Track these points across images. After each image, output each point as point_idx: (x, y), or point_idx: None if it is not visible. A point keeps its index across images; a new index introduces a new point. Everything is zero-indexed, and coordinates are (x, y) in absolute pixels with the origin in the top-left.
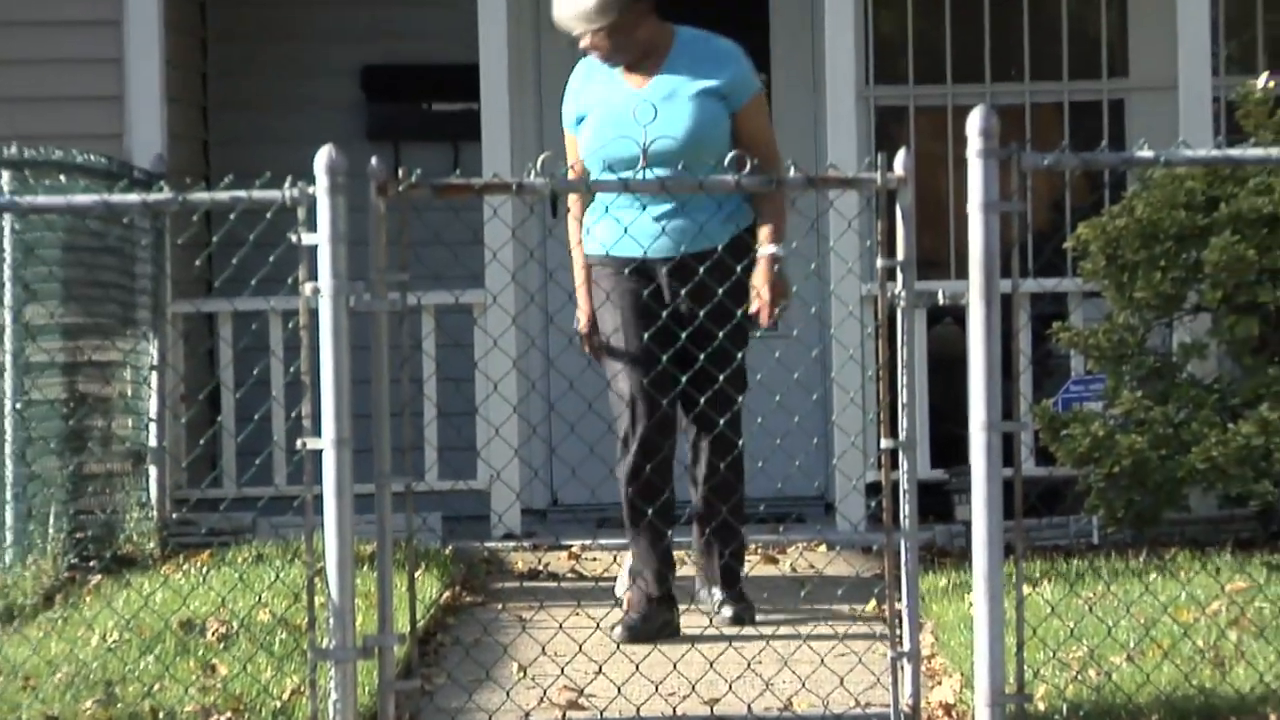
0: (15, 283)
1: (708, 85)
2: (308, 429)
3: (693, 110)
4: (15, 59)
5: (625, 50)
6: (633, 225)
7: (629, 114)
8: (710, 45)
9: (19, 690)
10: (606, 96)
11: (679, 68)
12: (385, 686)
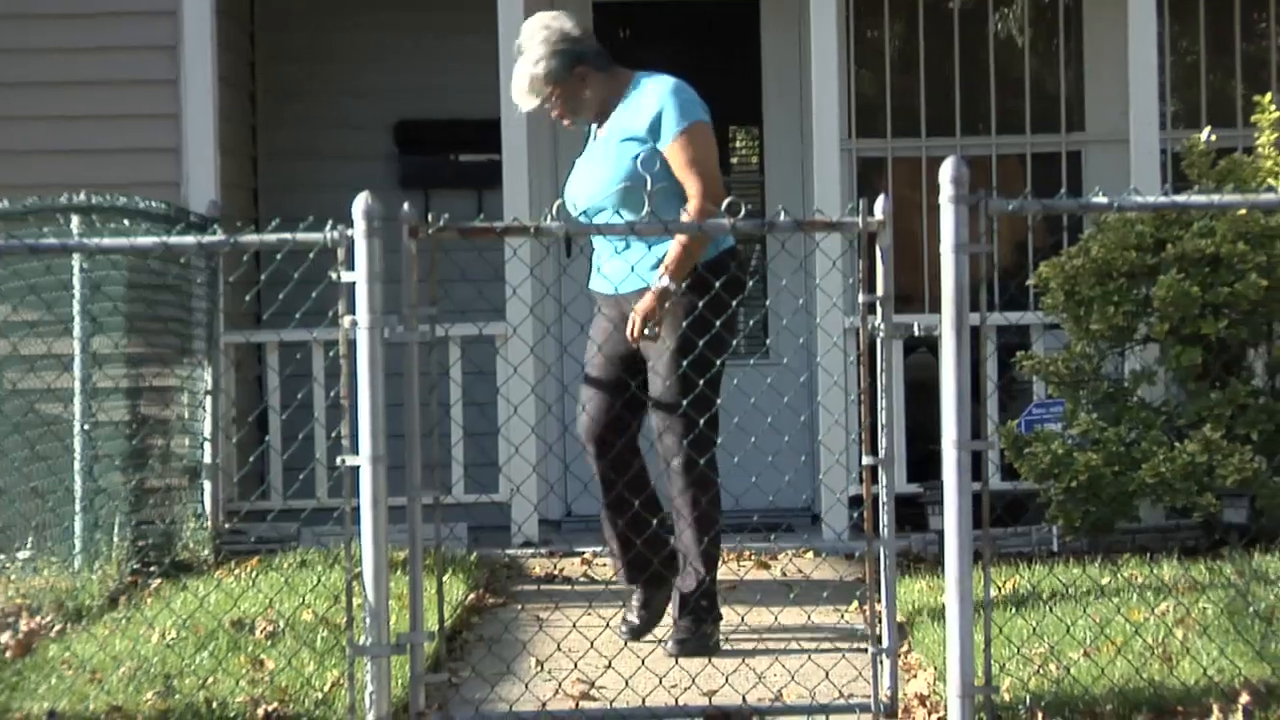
0: (84, 316)
1: (630, 133)
2: (346, 447)
3: (614, 159)
4: (84, 115)
5: (581, 109)
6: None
7: (580, 165)
8: (641, 90)
9: (87, 683)
10: (585, 147)
11: (617, 118)
12: (416, 679)
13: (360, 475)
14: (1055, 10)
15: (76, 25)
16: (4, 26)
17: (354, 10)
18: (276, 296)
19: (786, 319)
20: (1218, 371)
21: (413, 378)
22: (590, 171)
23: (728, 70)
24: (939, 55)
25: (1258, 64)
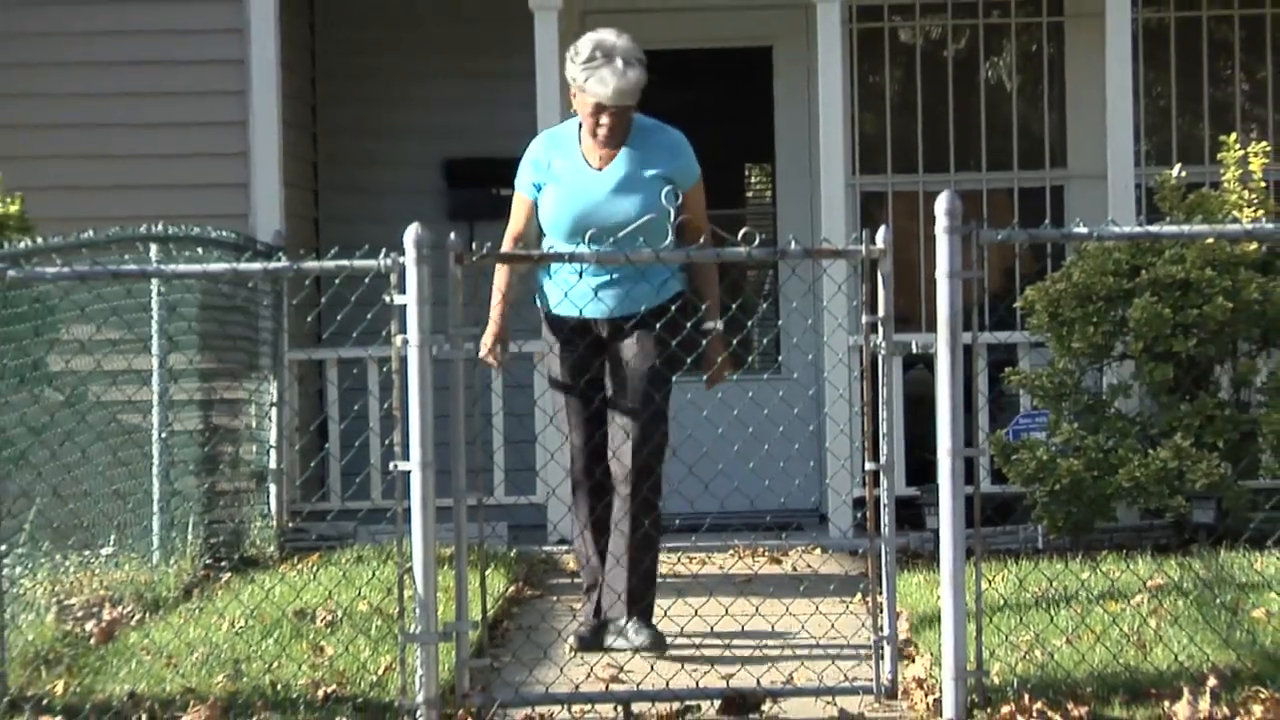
0: (161, 335)
1: (657, 170)
2: (398, 454)
3: (644, 191)
4: (162, 153)
5: (625, 132)
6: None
7: (593, 192)
8: (662, 135)
9: (163, 667)
10: (571, 173)
11: (636, 154)
12: (461, 664)
13: (411, 479)
14: (1040, 59)
15: (154, 71)
16: (92, 72)
17: (405, 60)
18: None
19: (797, 338)
20: (1187, 386)
21: (458, 391)
22: (620, 201)
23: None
24: (934, 99)
25: (1223, 107)
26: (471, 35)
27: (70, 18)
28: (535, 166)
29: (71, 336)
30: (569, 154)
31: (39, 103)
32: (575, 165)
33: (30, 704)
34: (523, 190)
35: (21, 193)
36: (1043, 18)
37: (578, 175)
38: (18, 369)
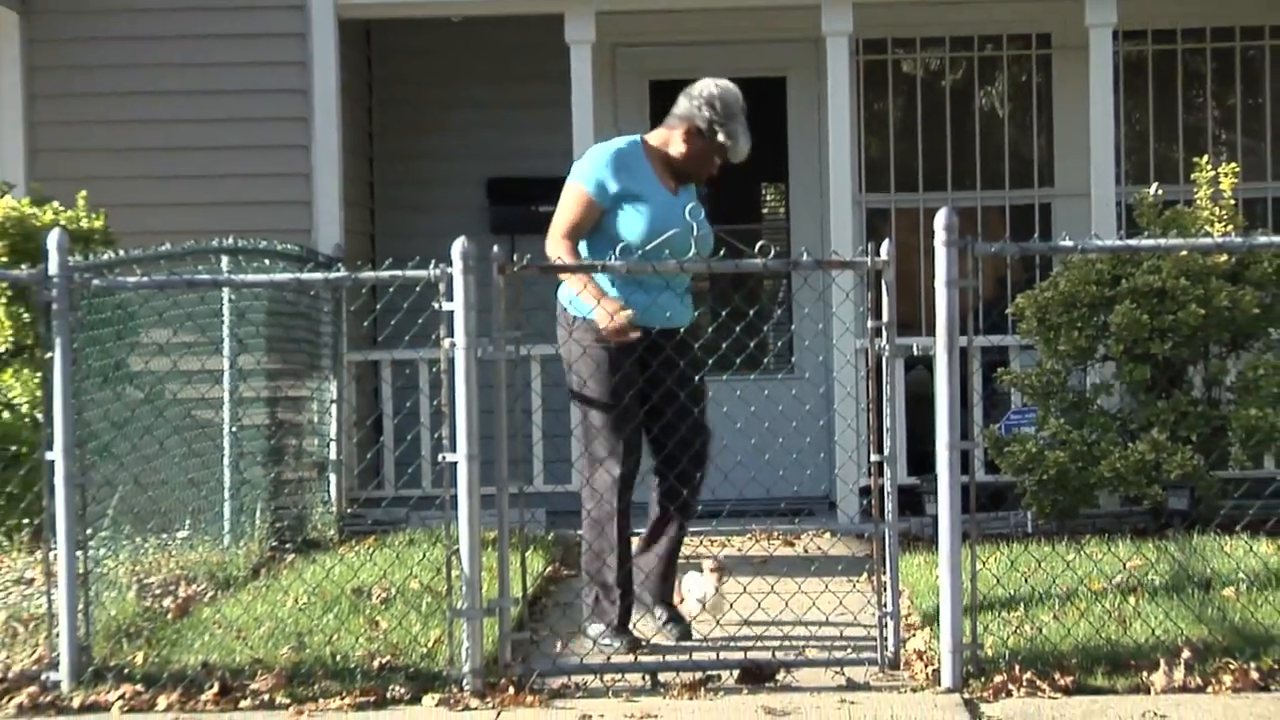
0: (231, 338)
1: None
2: (446, 446)
3: (700, 215)
4: (232, 174)
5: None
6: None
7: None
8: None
9: (233, 639)
10: (654, 193)
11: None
12: (504, 637)
13: (458, 469)
14: (1029, 88)
15: (226, 99)
16: (168, 101)
17: (451, 89)
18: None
19: (808, 340)
20: (1163, 385)
21: (501, 389)
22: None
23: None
24: (933, 125)
25: (1196, 132)
26: (512, 66)
27: (147, 51)
28: (613, 178)
29: (150, 339)
30: (644, 174)
31: (120, 128)
32: (654, 186)
33: (113, 673)
34: (594, 195)
35: (105, 209)
36: (1032, 50)
37: (660, 196)
38: (102, 369)
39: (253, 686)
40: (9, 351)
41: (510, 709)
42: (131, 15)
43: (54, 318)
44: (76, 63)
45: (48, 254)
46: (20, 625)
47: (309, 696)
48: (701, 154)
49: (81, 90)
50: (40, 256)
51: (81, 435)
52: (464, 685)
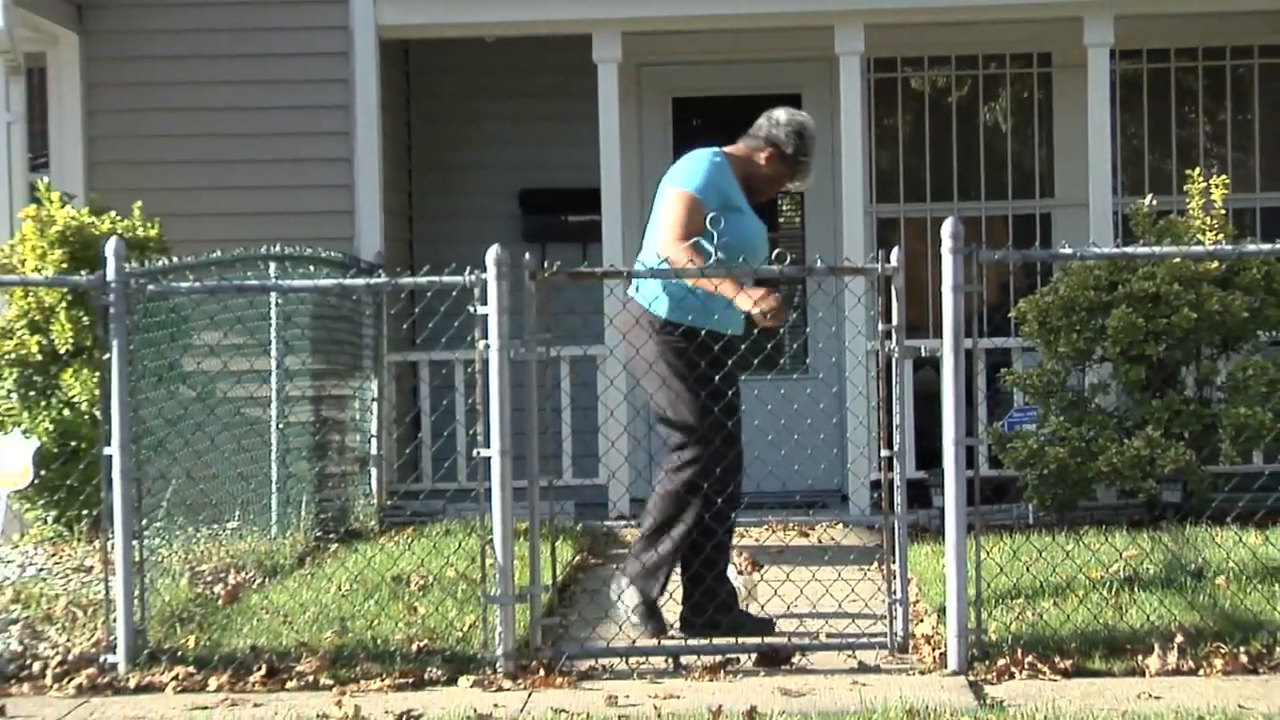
0: (278, 340)
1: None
2: (481, 442)
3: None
4: (279, 185)
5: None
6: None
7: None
8: None
9: (280, 624)
10: (743, 204)
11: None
12: (535, 622)
13: (491, 464)
14: (1031, 103)
15: (273, 115)
16: (218, 116)
17: (485, 104)
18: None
19: (822, 343)
20: (1158, 384)
21: (532, 388)
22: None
23: None
24: (940, 139)
25: (1188, 146)
26: (543, 83)
27: (199, 69)
28: (719, 188)
29: (202, 341)
30: (734, 186)
31: (174, 142)
32: (742, 199)
33: (166, 656)
34: (706, 201)
35: (159, 218)
36: (1033, 69)
37: (747, 208)
38: (156, 369)
39: (298, 668)
40: (69, 353)
41: (541, 690)
42: (184, 35)
43: (111, 321)
44: (132, 80)
45: (106, 261)
46: (80, 610)
47: (351, 678)
48: (779, 176)
49: (137, 106)
50: (99, 263)
51: (137, 431)
52: (497, 667)
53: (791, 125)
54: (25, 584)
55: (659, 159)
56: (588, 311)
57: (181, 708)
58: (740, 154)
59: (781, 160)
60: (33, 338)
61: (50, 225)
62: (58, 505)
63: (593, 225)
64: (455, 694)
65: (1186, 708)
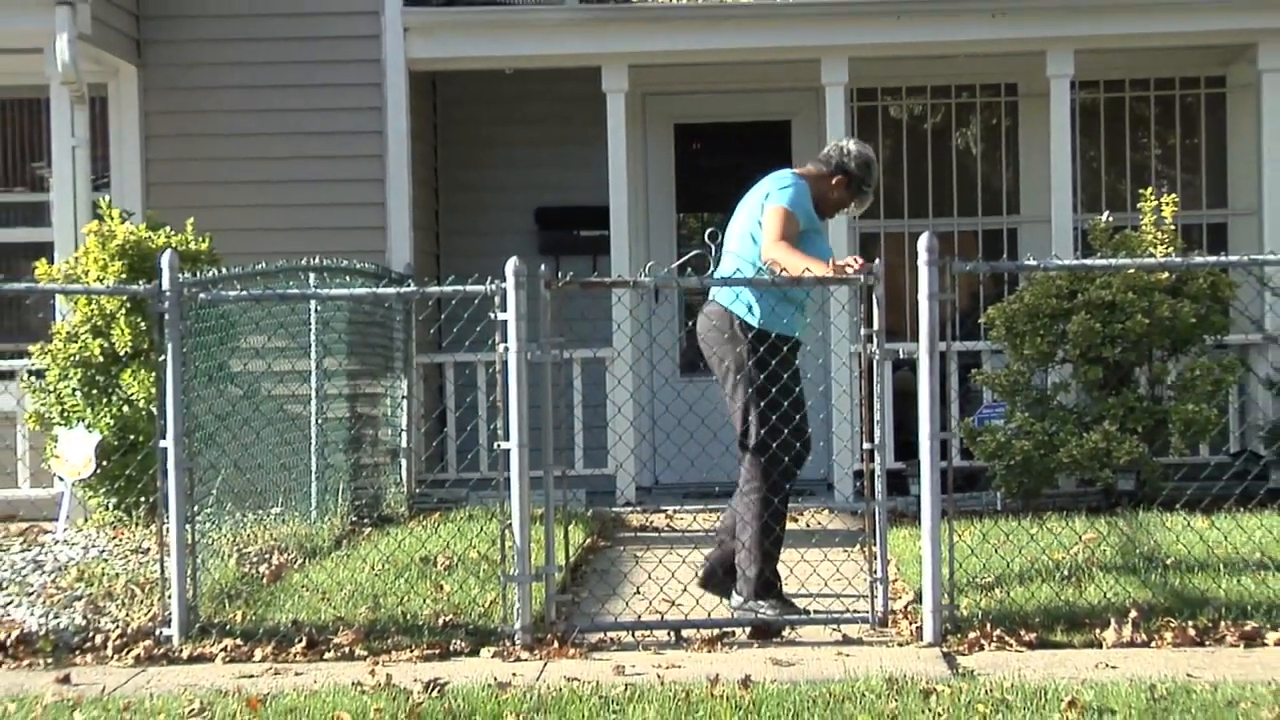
0: (317, 344)
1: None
2: (500, 436)
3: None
4: (318, 203)
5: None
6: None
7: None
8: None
9: (319, 600)
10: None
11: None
12: (549, 599)
13: (510, 455)
14: (999, 129)
15: (313, 139)
16: (263, 140)
17: (505, 130)
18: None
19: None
20: (1114, 384)
21: (547, 387)
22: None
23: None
24: (917, 161)
25: (1141, 167)
26: (556, 111)
27: (246, 98)
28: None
29: (248, 345)
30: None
31: (223, 164)
32: (818, 222)
33: (216, 629)
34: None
35: (210, 233)
36: (1001, 98)
37: (823, 231)
38: (207, 370)
39: (335, 641)
40: (128, 355)
41: (555, 660)
42: (232, 67)
43: (166, 326)
44: (186, 108)
45: (161, 272)
46: (138, 588)
47: (383, 649)
48: (843, 201)
49: (190, 131)
50: (155, 274)
51: (189, 426)
52: (516, 640)
53: (862, 157)
54: (88, 564)
55: (663, 180)
56: (597, 318)
57: (230, 676)
58: (812, 177)
59: (849, 187)
60: (95, 341)
61: (111, 239)
62: (118, 493)
63: (602, 239)
64: (477, 664)
65: (1140, 676)
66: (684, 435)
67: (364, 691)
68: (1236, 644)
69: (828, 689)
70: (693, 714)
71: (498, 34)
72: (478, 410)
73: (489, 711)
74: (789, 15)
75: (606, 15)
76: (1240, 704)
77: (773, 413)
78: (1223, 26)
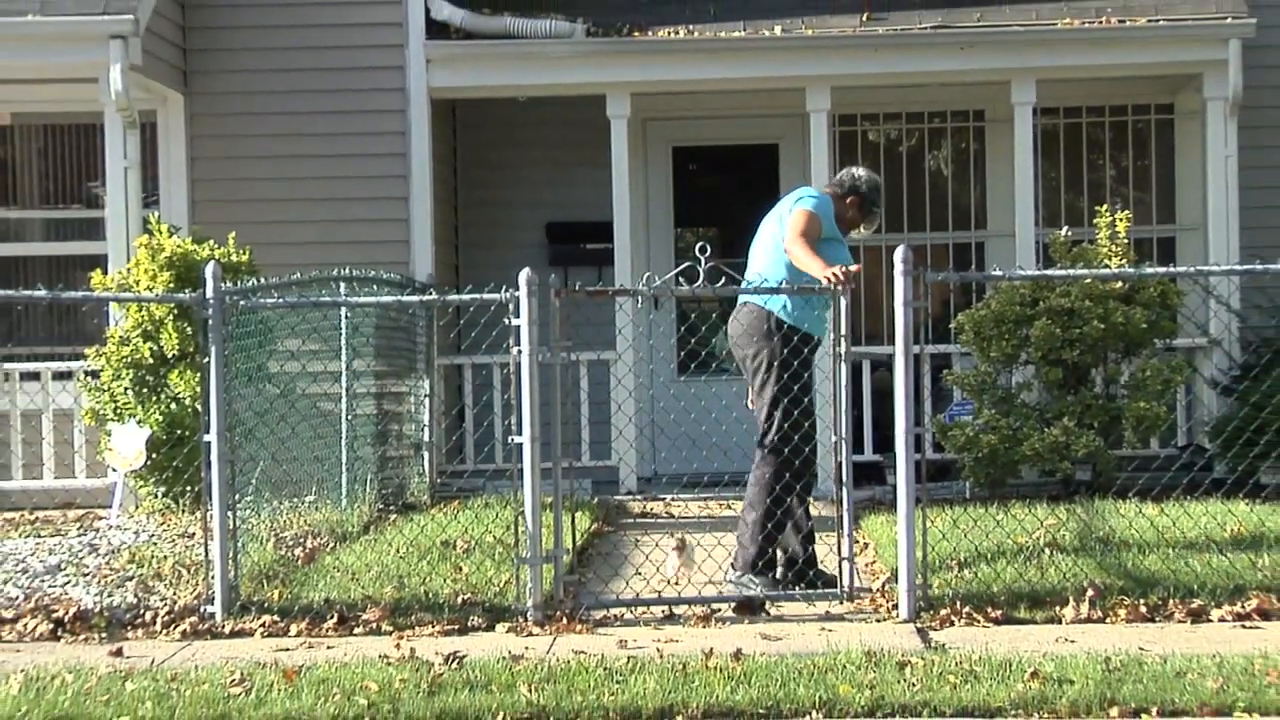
0: (347, 347)
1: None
2: (514, 430)
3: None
4: (348, 219)
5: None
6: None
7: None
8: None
9: (349, 581)
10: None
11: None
12: (558, 579)
13: (523, 448)
14: (968, 152)
15: (343, 162)
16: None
17: (518, 152)
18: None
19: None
20: (1072, 383)
21: (556, 386)
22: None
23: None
24: (893, 180)
25: (1097, 186)
26: (565, 135)
27: (283, 124)
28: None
29: (284, 348)
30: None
31: (262, 184)
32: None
33: (255, 607)
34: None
35: (250, 246)
36: (969, 123)
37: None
38: (247, 370)
39: (364, 617)
40: (175, 357)
41: (564, 635)
42: (269, 96)
43: (210, 331)
44: (228, 133)
45: (205, 281)
46: (184, 569)
47: (407, 625)
48: (855, 220)
49: (232, 154)
50: (200, 283)
51: (231, 422)
52: (528, 617)
53: (872, 181)
54: (139, 548)
55: (661, 198)
56: (602, 323)
57: (268, 649)
58: (832, 197)
59: (861, 207)
60: (145, 344)
61: (160, 252)
62: (166, 483)
63: (607, 252)
64: (493, 638)
65: (1096, 649)
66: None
67: (390, 663)
68: (1184, 620)
69: (812, 661)
70: (689, 684)
71: (511, 65)
72: (493, 407)
73: (504, 682)
74: (776, 48)
75: (610, 48)
76: (1188, 675)
77: (795, 407)
78: (1171, 59)
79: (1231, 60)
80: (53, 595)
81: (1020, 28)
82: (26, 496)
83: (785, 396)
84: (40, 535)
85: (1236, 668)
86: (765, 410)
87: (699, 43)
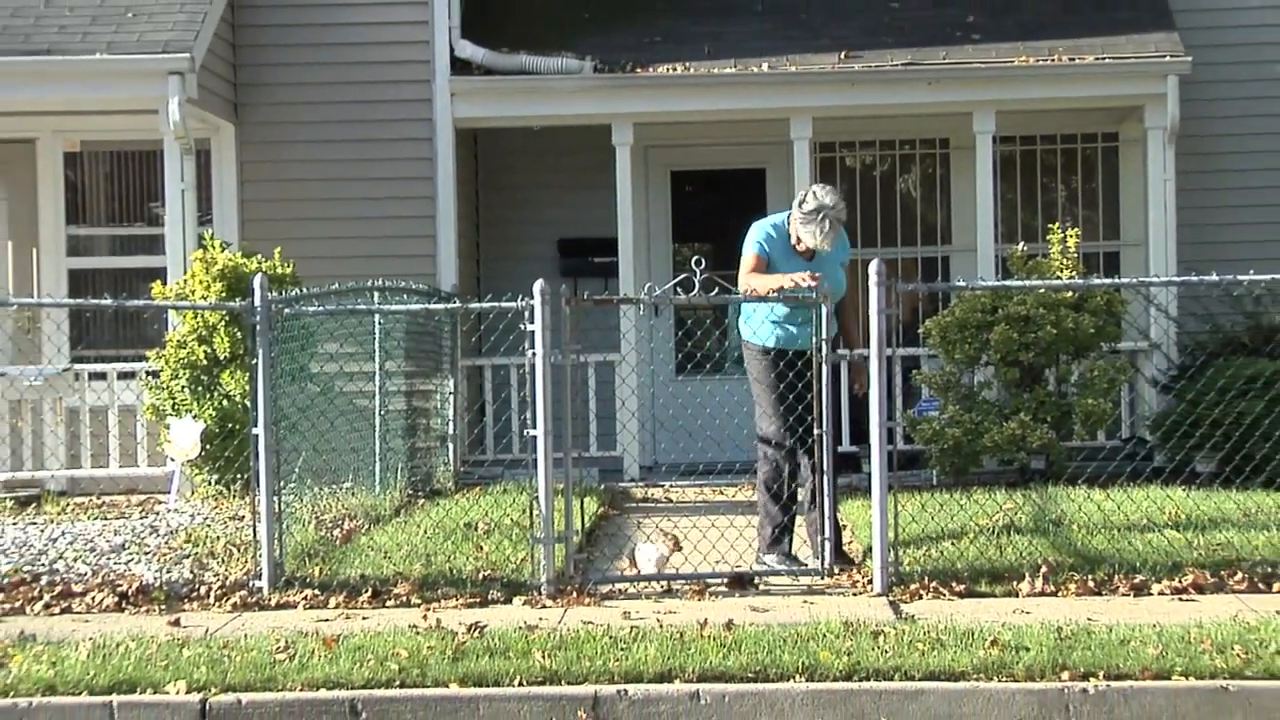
0: (380, 349)
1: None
2: (529, 425)
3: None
4: (380, 235)
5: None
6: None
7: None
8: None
9: (382, 559)
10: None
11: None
12: (569, 557)
13: (537, 440)
14: (935, 176)
15: (376, 184)
16: (335, 184)
17: (534, 174)
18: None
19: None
20: (1028, 382)
21: (566, 385)
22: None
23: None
24: (868, 201)
25: (1050, 206)
26: (574, 160)
27: (323, 150)
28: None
29: (324, 350)
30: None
31: (304, 204)
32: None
33: (298, 582)
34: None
35: (293, 260)
36: (936, 150)
37: (796, 258)
38: (290, 371)
39: (395, 591)
40: (226, 358)
41: (574, 607)
42: (311, 125)
43: (257, 335)
44: (274, 158)
45: (254, 291)
46: (235, 548)
47: (434, 599)
48: (800, 236)
49: (278, 177)
50: (248, 293)
51: (276, 416)
52: (542, 591)
53: (810, 197)
54: (194, 529)
55: (661, 216)
56: (608, 328)
57: (309, 620)
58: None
59: (802, 222)
60: (200, 348)
61: (213, 265)
62: (218, 471)
63: (612, 265)
64: (511, 610)
65: (1049, 620)
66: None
67: (418, 632)
68: (1128, 594)
69: (796, 630)
70: (686, 651)
71: (527, 98)
72: (511, 404)
73: (520, 649)
74: (764, 83)
75: (615, 83)
76: (1131, 642)
77: (772, 409)
78: (1116, 92)
79: (1170, 94)
80: (118, 571)
81: (981, 65)
82: (94, 483)
83: (764, 401)
84: (106, 518)
85: (1174, 636)
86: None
87: (695, 78)
